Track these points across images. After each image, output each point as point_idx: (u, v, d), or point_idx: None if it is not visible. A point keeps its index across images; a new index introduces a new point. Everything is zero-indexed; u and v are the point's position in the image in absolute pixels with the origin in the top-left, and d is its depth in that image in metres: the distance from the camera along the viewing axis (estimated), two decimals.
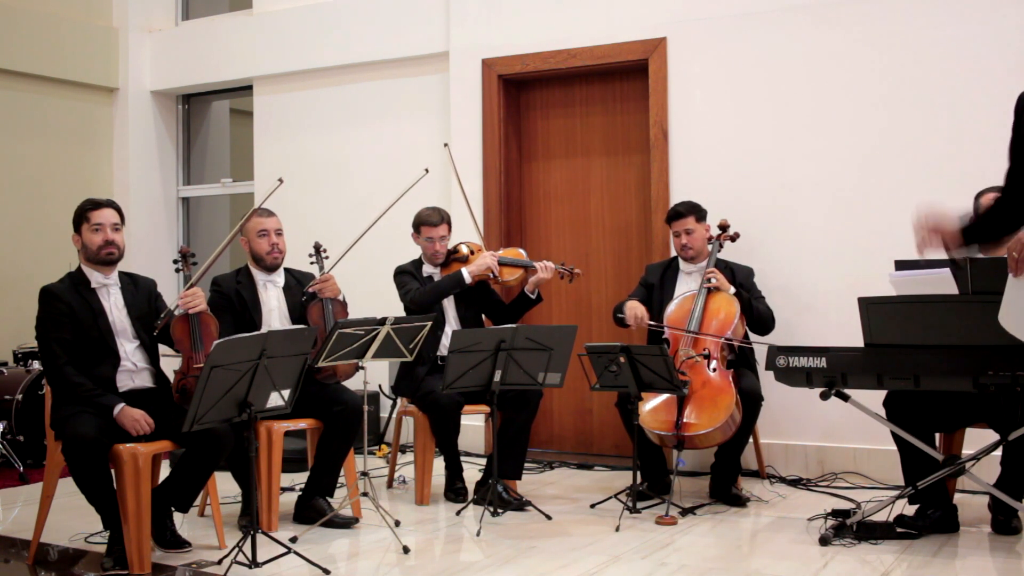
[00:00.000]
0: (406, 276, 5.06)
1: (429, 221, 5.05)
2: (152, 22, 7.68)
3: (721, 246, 5.05)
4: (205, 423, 3.54)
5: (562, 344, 4.46)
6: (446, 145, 5.63)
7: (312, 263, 4.70)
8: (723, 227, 5.08)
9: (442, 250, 5.06)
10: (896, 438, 4.14)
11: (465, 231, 5.58)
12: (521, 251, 5.19)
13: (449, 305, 5.05)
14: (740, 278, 4.98)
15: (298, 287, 4.67)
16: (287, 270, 4.71)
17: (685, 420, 4.50)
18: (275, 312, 4.58)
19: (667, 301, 4.99)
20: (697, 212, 5.01)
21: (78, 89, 7.39)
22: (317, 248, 4.73)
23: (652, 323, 4.86)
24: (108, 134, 7.59)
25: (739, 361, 4.82)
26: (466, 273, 4.93)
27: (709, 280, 4.81)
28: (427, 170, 5.23)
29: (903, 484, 4.16)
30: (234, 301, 4.53)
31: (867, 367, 3.83)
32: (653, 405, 4.62)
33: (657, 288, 5.09)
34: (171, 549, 3.97)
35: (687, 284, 5.02)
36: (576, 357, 4.50)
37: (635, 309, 4.87)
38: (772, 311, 4.97)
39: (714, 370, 4.62)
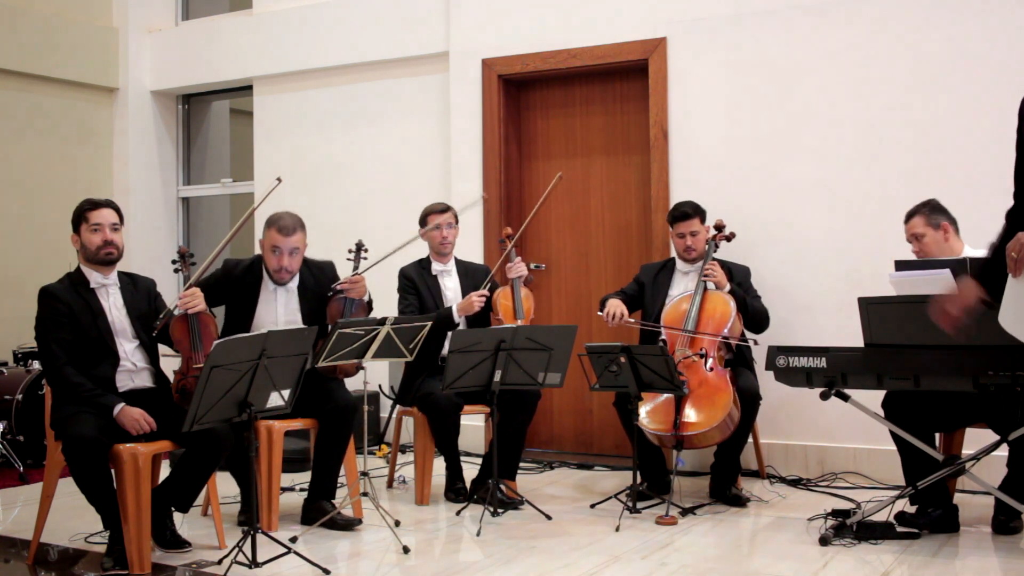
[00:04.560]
0: (408, 286, 5.05)
1: (435, 209, 5.09)
2: (152, 22, 7.68)
3: (717, 246, 5.05)
4: (205, 423, 3.54)
5: (562, 344, 4.46)
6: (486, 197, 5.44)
7: (349, 259, 4.66)
8: (719, 227, 5.08)
9: (450, 237, 5.07)
10: (896, 438, 4.14)
11: (467, 231, 5.58)
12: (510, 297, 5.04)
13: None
14: (738, 277, 4.99)
15: (316, 285, 4.58)
16: (303, 264, 4.58)
17: (683, 420, 4.50)
18: (282, 319, 4.51)
19: (657, 300, 5.00)
20: (702, 214, 5.03)
21: (78, 89, 7.39)
22: (359, 247, 4.67)
23: (630, 321, 4.89)
24: (108, 134, 7.59)
25: (737, 360, 4.83)
26: (455, 313, 4.93)
27: (709, 275, 4.82)
28: (486, 197, 5.23)
29: (903, 484, 4.16)
30: (226, 291, 4.51)
31: (867, 367, 3.83)
32: (651, 406, 4.62)
33: (649, 287, 5.11)
34: (171, 549, 3.97)
35: (684, 283, 5.02)
36: (576, 357, 4.50)
37: (614, 308, 4.91)
38: (767, 310, 4.98)
39: (711, 369, 4.62)
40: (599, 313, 4.99)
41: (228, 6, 7.89)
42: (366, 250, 4.68)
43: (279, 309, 4.54)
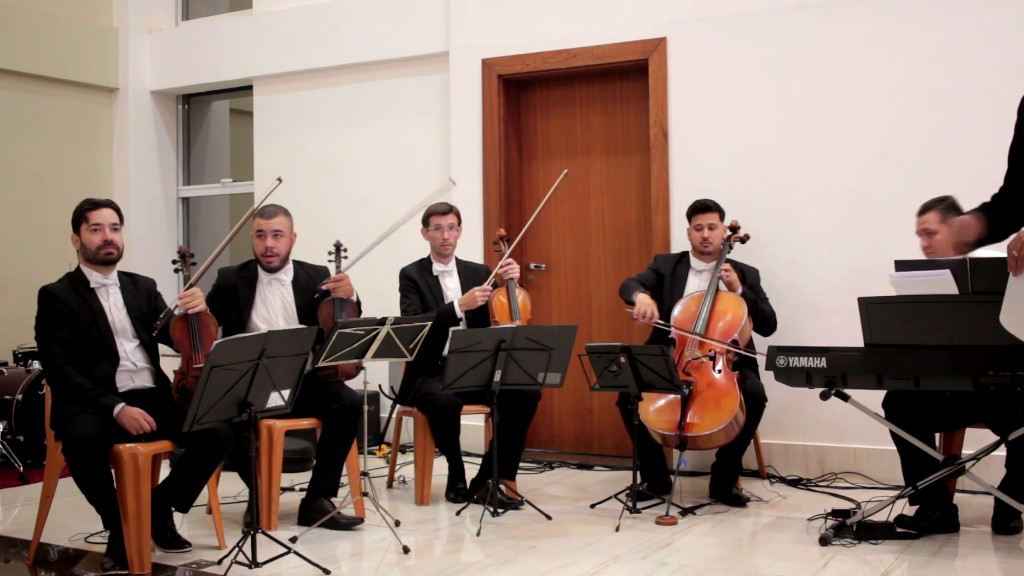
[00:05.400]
0: (409, 286, 5.05)
1: (438, 211, 5.09)
2: (152, 22, 7.68)
3: (731, 247, 5.04)
4: (205, 423, 3.54)
5: (562, 344, 4.46)
6: (453, 182, 5.55)
7: (330, 260, 4.69)
8: (734, 228, 5.07)
9: (451, 238, 5.08)
10: (895, 438, 4.14)
11: (466, 231, 5.57)
12: (508, 303, 5.03)
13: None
14: (749, 279, 4.99)
15: (309, 281, 4.65)
16: (297, 263, 4.68)
17: (689, 420, 4.49)
18: (279, 311, 4.57)
19: (675, 295, 4.98)
20: (721, 211, 5.03)
21: (78, 89, 7.39)
22: (337, 247, 4.70)
23: (660, 323, 4.81)
24: (108, 134, 7.59)
25: (743, 362, 4.82)
26: (457, 307, 4.94)
27: (724, 275, 4.81)
28: (453, 182, 5.24)
29: (903, 484, 4.16)
30: (227, 295, 4.55)
31: (867, 367, 3.83)
32: (658, 405, 4.61)
33: (668, 279, 5.07)
34: (171, 549, 3.97)
35: (696, 283, 5.01)
36: (576, 357, 4.50)
37: (647, 308, 4.76)
38: (775, 314, 4.98)
39: (719, 371, 4.62)
40: (628, 309, 4.85)
41: (228, 6, 7.88)
42: (345, 249, 4.71)
43: (275, 300, 4.59)
